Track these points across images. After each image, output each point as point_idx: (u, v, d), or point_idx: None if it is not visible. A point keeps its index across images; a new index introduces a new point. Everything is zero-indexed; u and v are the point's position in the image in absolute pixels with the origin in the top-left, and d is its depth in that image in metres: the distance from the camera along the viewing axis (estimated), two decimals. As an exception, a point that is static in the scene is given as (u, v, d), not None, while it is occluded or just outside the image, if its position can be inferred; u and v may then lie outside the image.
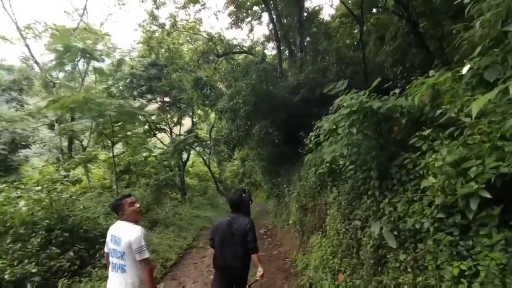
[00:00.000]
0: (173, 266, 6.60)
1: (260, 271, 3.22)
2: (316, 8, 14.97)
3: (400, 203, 3.18)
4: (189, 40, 18.29)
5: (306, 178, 6.42)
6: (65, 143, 17.31)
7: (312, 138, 4.52)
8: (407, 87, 3.75)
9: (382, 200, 3.59)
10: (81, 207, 6.28)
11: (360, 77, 9.65)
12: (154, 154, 22.82)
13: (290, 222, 7.79)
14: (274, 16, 12.52)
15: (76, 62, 14.52)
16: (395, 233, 3.20)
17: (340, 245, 4.56)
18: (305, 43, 12.71)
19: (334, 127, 3.62)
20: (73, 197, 6.37)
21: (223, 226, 3.44)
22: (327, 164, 4.91)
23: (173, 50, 18.33)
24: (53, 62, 14.21)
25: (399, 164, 3.46)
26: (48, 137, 20.92)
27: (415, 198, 3.11)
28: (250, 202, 10.65)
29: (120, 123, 8.65)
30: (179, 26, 17.29)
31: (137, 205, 2.92)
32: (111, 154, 21.10)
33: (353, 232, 4.19)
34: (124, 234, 2.70)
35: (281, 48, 13.01)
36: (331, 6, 16.63)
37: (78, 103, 7.00)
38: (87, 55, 12.89)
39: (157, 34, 17.90)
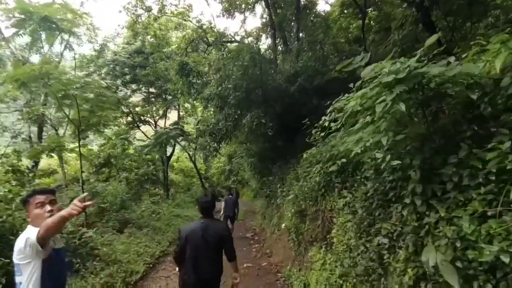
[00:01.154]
0: (140, 281, 5.29)
1: (236, 277, 3.13)
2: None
3: (466, 220, 2.07)
4: (178, 27, 16.86)
5: (306, 177, 5.27)
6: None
7: (326, 124, 3.35)
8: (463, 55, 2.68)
9: (426, 211, 2.48)
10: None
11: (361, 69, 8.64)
12: (134, 146, 21.36)
13: (283, 227, 6.66)
14: (269, 1, 11.34)
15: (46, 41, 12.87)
16: (459, 265, 2.08)
17: (354, 267, 3.44)
18: (302, 33, 11.61)
19: (363, 106, 2.48)
20: (11, 195, 4.91)
21: (195, 234, 2.97)
22: (342, 160, 3.76)
23: (160, 37, 16.88)
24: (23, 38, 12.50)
25: (456, 162, 2.35)
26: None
27: (490, 213, 2.02)
28: (237, 204, 9.48)
29: (88, 106, 7.26)
30: (167, 11, 15.83)
31: (48, 207, 2.07)
32: (84, 145, 19.51)
33: (375, 252, 3.07)
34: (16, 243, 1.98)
35: (276, 38, 11.84)
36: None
37: (31, 77, 5.61)
38: (53, 25, 11.09)
39: (143, 18, 16.39)
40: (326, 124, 3.39)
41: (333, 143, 4.52)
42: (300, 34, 11.51)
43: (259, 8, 17.23)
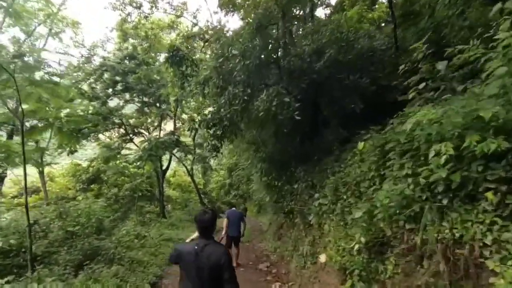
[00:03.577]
0: None
1: None
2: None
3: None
4: (171, 25, 14.76)
5: (384, 179, 2.83)
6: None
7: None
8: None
9: None
10: None
11: (390, 51, 6.41)
12: (126, 159, 18.92)
13: (322, 260, 4.16)
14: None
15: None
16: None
17: None
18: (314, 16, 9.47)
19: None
20: None
21: (188, 257, 2.29)
22: None
23: (151, 37, 14.72)
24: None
25: None
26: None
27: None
28: (243, 219, 6.95)
29: (31, 89, 4.87)
30: (159, 8, 13.72)
31: None
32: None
33: None
34: None
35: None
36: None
37: None
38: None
39: (133, 17, 14.28)
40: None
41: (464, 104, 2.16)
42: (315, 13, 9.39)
43: None
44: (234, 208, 7.17)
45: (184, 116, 21.66)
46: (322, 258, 4.36)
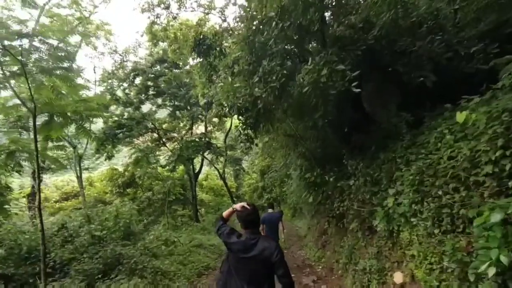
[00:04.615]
0: None
1: None
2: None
3: None
4: (199, 23, 14.25)
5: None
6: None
7: None
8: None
9: None
10: None
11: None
12: (159, 163, 18.80)
13: (398, 281, 2.97)
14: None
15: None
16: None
17: None
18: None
19: None
20: None
21: (237, 247, 2.08)
22: None
23: (180, 38, 14.28)
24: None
25: None
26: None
27: None
28: (280, 222, 5.89)
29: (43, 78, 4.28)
30: (187, 7, 13.27)
31: None
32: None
33: None
34: None
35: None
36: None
37: None
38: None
39: (161, 18, 13.98)
40: None
41: None
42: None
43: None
44: (270, 210, 6.11)
45: (215, 119, 21.24)
46: (398, 277, 3.16)
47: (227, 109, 4.62)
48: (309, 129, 5.73)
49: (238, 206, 2.24)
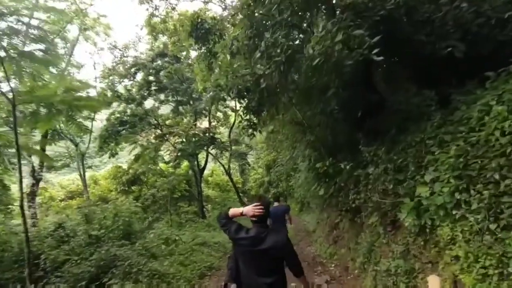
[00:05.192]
0: None
1: None
2: None
3: None
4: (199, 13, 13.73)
5: None
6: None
7: None
8: None
9: None
10: None
11: None
12: (163, 160, 18.48)
13: (433, 284, 2.43)
14: None
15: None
16: None
17: None
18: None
19: None
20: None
21: (245, 242, 2.09)
22: None
23: (180, 30, 13.75)
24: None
25: None
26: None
27: None
28: (287, 215, 5.45)
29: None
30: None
31: None
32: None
33: None
34: None
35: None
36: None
37: None
38: None
39: (160, 10, 13.47)
40: None
41: None
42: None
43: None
44: (276, 204, 5.65)
45: (219, 114, 20.79)
46: (433, 282, 2.61)
47: (226, 91, 4.07)
48: (318, 115, 5.17)
49: (249, 212, 2.11)
